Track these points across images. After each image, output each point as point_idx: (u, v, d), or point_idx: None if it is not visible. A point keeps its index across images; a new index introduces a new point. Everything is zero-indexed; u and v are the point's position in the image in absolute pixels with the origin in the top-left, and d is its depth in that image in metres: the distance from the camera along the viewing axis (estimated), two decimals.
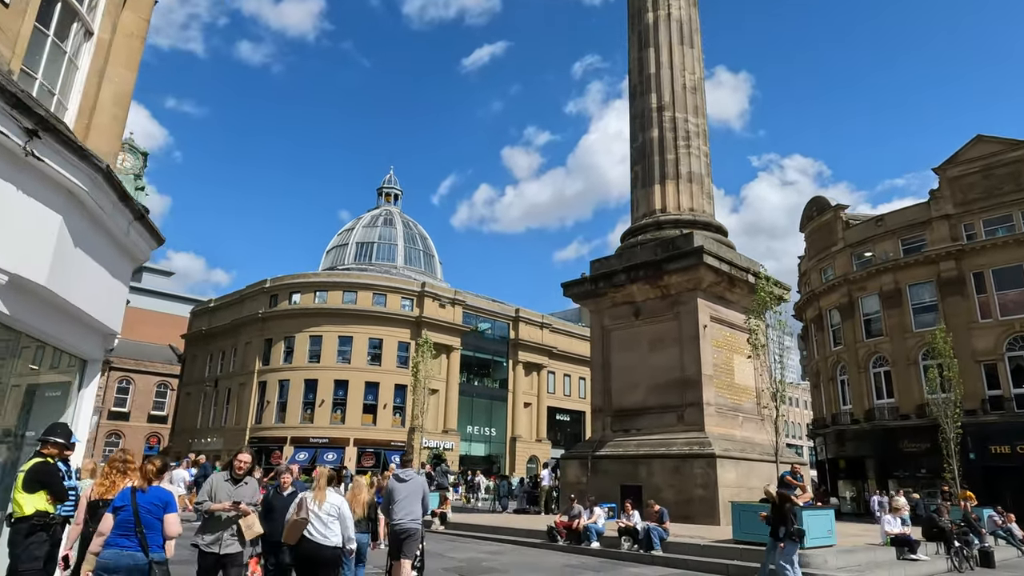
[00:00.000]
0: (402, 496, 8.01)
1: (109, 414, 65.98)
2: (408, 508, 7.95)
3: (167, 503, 5.08)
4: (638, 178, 22.51)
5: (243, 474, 6.38)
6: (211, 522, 6.10)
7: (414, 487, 8.15)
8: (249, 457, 6.63)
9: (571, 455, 21.39)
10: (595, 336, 21.82)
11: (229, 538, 6.01)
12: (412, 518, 7.98)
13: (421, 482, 8.43)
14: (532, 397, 56.46)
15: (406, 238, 60.82)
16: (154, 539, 4.84)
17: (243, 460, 6.45)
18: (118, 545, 4.74)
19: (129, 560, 4.68)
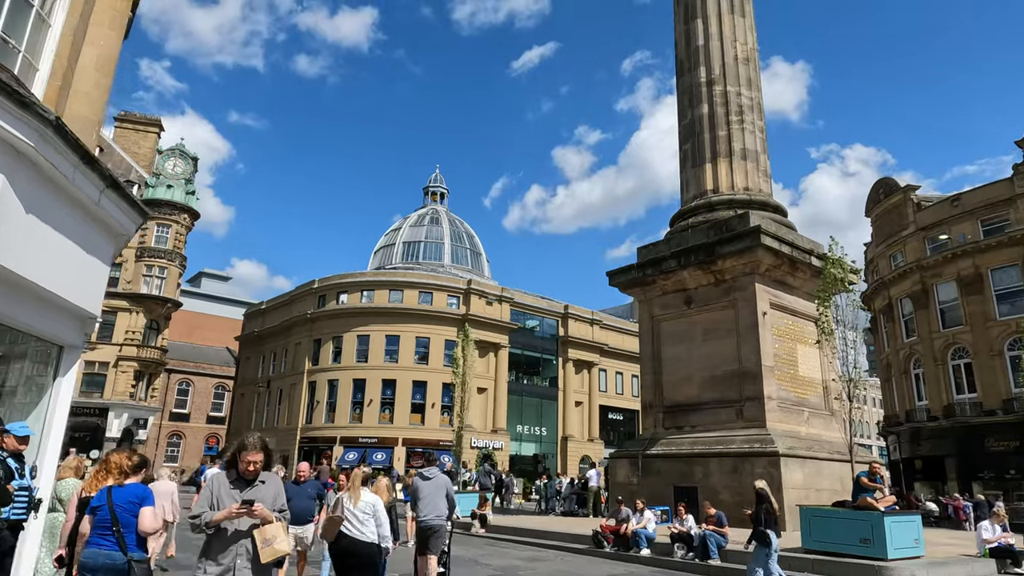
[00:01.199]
0: (427, 494, 8.25)
1: (170, 416, 67.84)
2: (433, 505, 8.19)
3: (143, 498, 4.93)
4: (687, 158, 21.06)
5: (254, 475, 4.41)
6: (216, 541, 4.20)
7: (438, 485, 8.36)
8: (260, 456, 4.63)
9: (620, 454, 20.11)
10: (644, 327, 20.46)
11: (243, 565, 4.13)
12: (437, 514, 8.21)
13: (445, 480, 8.58)
14: (583, 396, 55.06)
15: (452, 236, 60.31)
16: (132, 537, 4.72)
17: (253, 460, 4.37)
18: (96, 544, 4.68)
19: (106, 559, 4.59)
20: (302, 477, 8.35)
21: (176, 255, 44.81)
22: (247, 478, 4.33)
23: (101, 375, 41.72)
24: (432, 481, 8.38)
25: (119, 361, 41.93)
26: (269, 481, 4.46)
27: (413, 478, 9.07)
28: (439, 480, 8.43)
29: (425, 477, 8.48)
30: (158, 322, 44.27)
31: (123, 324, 42.53)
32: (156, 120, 50.46)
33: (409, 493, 9.17)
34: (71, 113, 7.35)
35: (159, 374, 45.83)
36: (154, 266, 43.77)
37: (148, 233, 44.08)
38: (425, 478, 8.46)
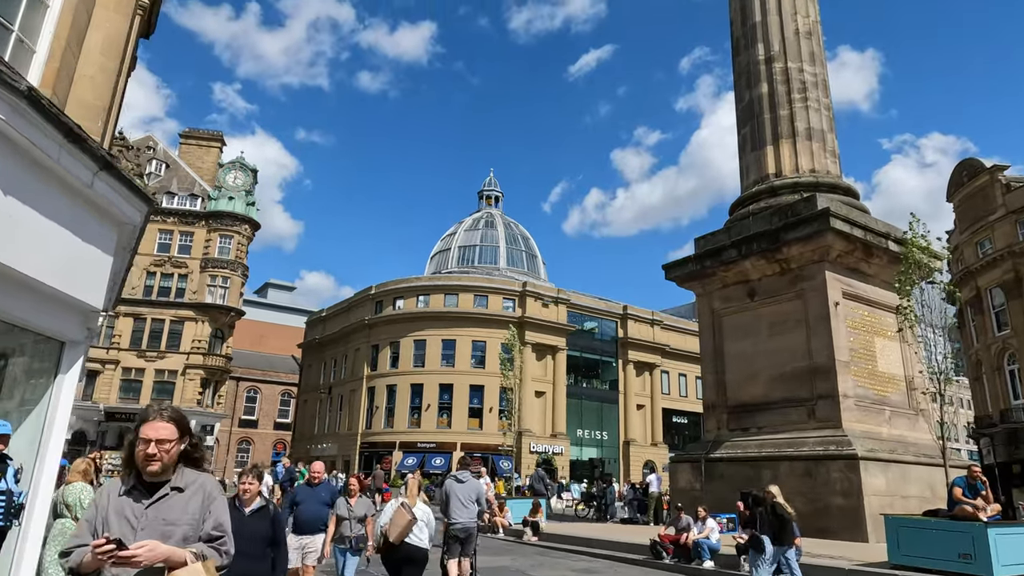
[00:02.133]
0: (459, 497, 8.40)
1: (239, 422, 69.87)
2: (465, 508, 8.36)
3: None
4: (746, 142, 19.75)
5: (158, 475, 2.54)
6: None
7: (470, 488, 8.52)
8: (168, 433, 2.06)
9: (681, 457, 18.94)
10: (704, 322, 19.24)
11: None
12: (469, 517, 8.39)
13: (476, 484, 8.77)
14: (645, 399, 53.46)
15: (507, 239, 59.85)
16: None
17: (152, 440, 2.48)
18: None
19: None
20: (316, 478, 7.56)
21: (238, 265, 45.93)
22: (148, 481, 2.50)
23: (170, 383, 43.09)
24: (465, 485, 8.52)
25: (186, 369, 43.21)
26: (192, 487, 2.51)
27: (446, 481, 9.12)
28: (471, 484, 8.60)
29: (459, 480, 8.61)
30: (222, 331, 45.44)
31: (190, 333, 43.83)
32: (218, 135, 52.08)
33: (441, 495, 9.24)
34: (75, 98, 7.03)
35: (224, 381, 47.03)
36: (217, 276, 44.97)
37: (211, 244, 45.38)
38: (459, 481, 8.60)
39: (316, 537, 6.95)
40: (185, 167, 49.53)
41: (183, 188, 47.55)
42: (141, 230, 7.74)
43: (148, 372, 42.87)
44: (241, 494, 4.59)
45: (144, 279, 44.33)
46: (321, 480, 7.46)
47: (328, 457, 51.14)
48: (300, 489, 7.46)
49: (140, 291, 44.09)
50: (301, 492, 7.31)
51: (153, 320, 43.69)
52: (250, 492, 4.57)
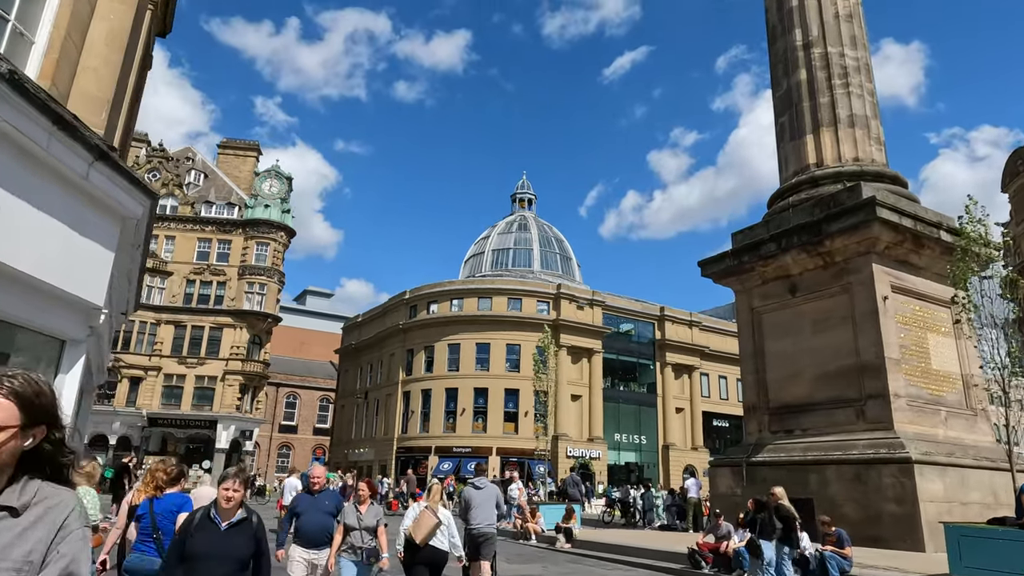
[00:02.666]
0: (478, 502, 8.53)
1: (279, 428, 70.79)
2: (484, 513, 8.49)
3: (181, 507, 5.20)
4: (785, 131, 18.93)
5: None
6: None
7: (488, 494, 8.63)
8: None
9: (721, 461, 18.16)
10: (743, 320, 18.46)
11: None
12: (488, 522, 8.51)
13: (495, 490, 8.87)
14: (684, 402, 52.25)
15: (541, 241, 59.37)
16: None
17: None
18: (139, 551, 5.05)
19: (148, 565, 4.83)
20: (316, 484, 6.57)
21: (275, 272, 46.47)
22: None
23: (210, 389, 43.74)
24: (483, 491, 8.67)
25: (225, 375, 43.81)
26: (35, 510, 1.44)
27: (465, 487, 9.42)
28: (489, 490, 8.74)
29: (476, 486, 8.74)
30: (260, 337, 45.99)
31: (228, 340, 44.46)
32: (254, 145, 52.91)
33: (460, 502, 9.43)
34: (78, 90, 6.84)
35: (263, 387, 47.57)
36: (255, 283, 45.55)
37: (248, 252, 46.01)
38: (477, 487, 8.73)
39: (322, 552, 6.25)
40: (223, 177, 50.42)
41: (221, 197, 48.38)
42: (148, 226, 7.54)
43: (189, 378, 43.60)
44: (221, 502, 3.86)
45: (184, 287, 45.17)
46: (322, 487, 6.61)
47: (365, 462, 51.34)
48: (300, 498, 6.61)
49: (180, 299, 44.94)
50: (301, 502, 6.47)
51: (193, 327, 44.45)
52: (233, 501, 3.85)
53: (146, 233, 7.58)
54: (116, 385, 42.24)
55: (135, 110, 9.86)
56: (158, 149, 49.48)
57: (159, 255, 45.27)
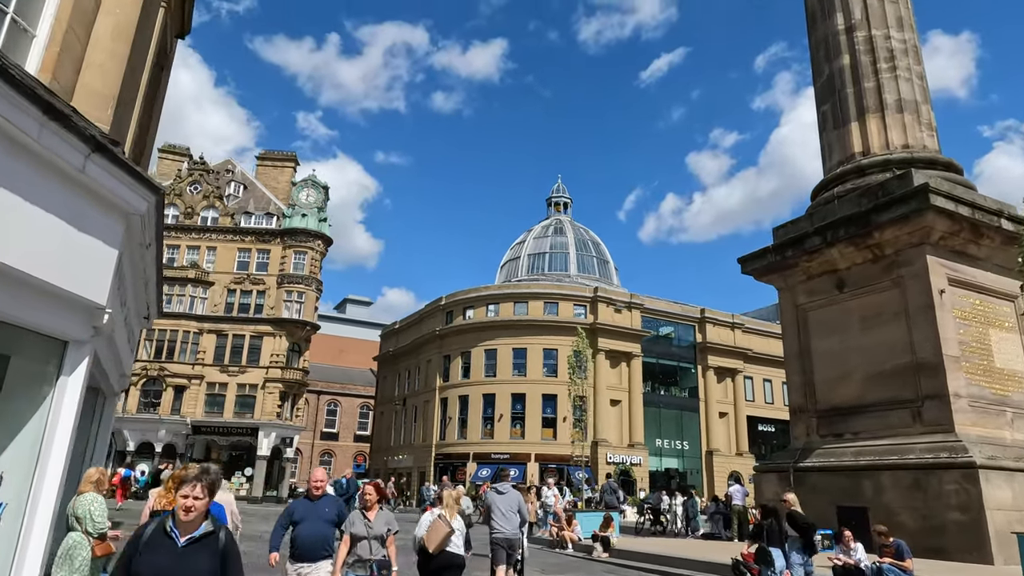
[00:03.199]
0: (501, 508, 8.63)
1: (321, 435, 71.60)
2: (507, 518, 8.58)
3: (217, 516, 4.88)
4: (827, 120, 18.06)
5: None
6: None
7: (511, 499, 8.72)
8: None
9: (768, 467, 17.31)
10: (787, 319, 17.61)
11: None
12: (511, 527, 8.60)
13: (517, 495, 8.93)
14: (727, 406, 50.84)
15: (577, 245, 58.72)
16: None
17: None
18: None
19: None
20: (317, 489, 5.95)
21: (312, 280, 46.92)
22: None
23: (251, 397, 44.31)
24: (505, 496, 8.76)
25: (266, 383, 44.33)
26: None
27: (487, 492, 9.59)
28: (512, 495, 8.81)
29: (499, 491, 8.85)
30: (299, 345, 46.44)
31: (268, 348, 45.01)
32: (291, 155, 53.69)
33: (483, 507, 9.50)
34: (83, 86, 6.66)
35: (302, 394, 48.00)
36: (293, 291, 46.06)
37: (287, 261, 46.58)
38: (499, 492, 8.84)
39: (319, 566, 5.61)
40: (262, 187, 51.25)
41: (259, 208, 49.15)
42: (158, 225, 7.33)
43: (230, 386, 44.25)
44: (180, 513, 3.07)
45: (225, 296, 45.94)
46: (323, 492, 6.03)
47: (404, 469, 51.36)
48: (297, 504, 6.02)
49: (222, 308, 45.71)
50: (299, 508, 5.89)
51: (234, 336, 45.14)
52: (194, 511, 3.05)
53: (157, 232, 7.37)
54: (161, 394, 43.14)
55: (153, 110, 9.75)
56: (199, 162, 50.57)
57: (201, 266, 46.19)
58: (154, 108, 9.88)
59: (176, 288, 45.08)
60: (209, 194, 48.61)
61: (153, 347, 43.87)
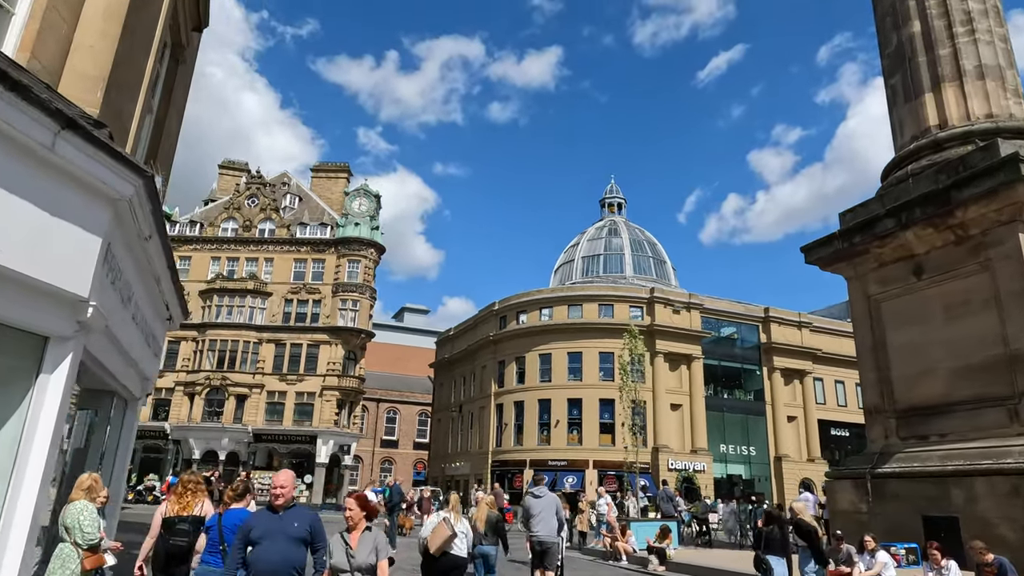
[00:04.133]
0: (538, 512, 8.74)
1: (381, 442, 72.20)
2: (545, 522, 8.71)
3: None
4: (897, 93, 16.54)
5: None
6: None
7: (548, 503, 8.82)
8: None
9: (841, 473, 15.86)
10: (858, 310, 16.14)
11: None
12: (548, 531, 8.72)
13: (554, 499, 9.04)
14: (796, 409, 48.32)
15: (633, 246, 57.22)
16: None
17: None
18: (206, 562, 5.44)
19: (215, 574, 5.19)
20: (279, 497, 4.67)
21: (366, 288, 47.24)
22: None
23: (309, 405, 44.85)
24: (543, 500, 8.81)
25: (323, 391, 44.79)
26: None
27: (525, 497, 9.49)
28: (549, 499, 8.87)
29: (536, 496, 8.91)
30: (355, 352, 46.77)
31: (325, 356, 45.50)
32: (344, 166, 54.45)
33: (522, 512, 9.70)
34: (71, 69, 6.27)
35: (359, 402, 48.31)
36: (348, 300, 46.47)
37: (341, 269, 47.07)
38: (536, 496, 8.90)
39: None
40: (316, 199, 52.12)
41: (314, 218, 49.93)
42: (157, 214, 6.89)
43: (289, 395, 44.91)
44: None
45: (283, 306, 46.77)
46: (289, 501, 4.70)
47: (461, 476, 50.96)
48: (256, 517, 4.81)
49: (280, 318, 46.54)
50: (258, 523, 4.64)
51: (292, 345, 45.86)
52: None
53: (157, 223, 6.94)
54: (224, 403, 44.14)
55: (171, 105, 9.45)
56: (255, 176, 51.83)
57: (259, 277, 47.19)
58: (172, 103, 9.59)
59: (236, 299, 46.17)
60: (266, 207, 49.70)
61: (216, 357, 44.99)
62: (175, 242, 48.18)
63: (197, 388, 44.34)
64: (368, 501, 4.98)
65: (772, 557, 8.18)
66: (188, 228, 49.52)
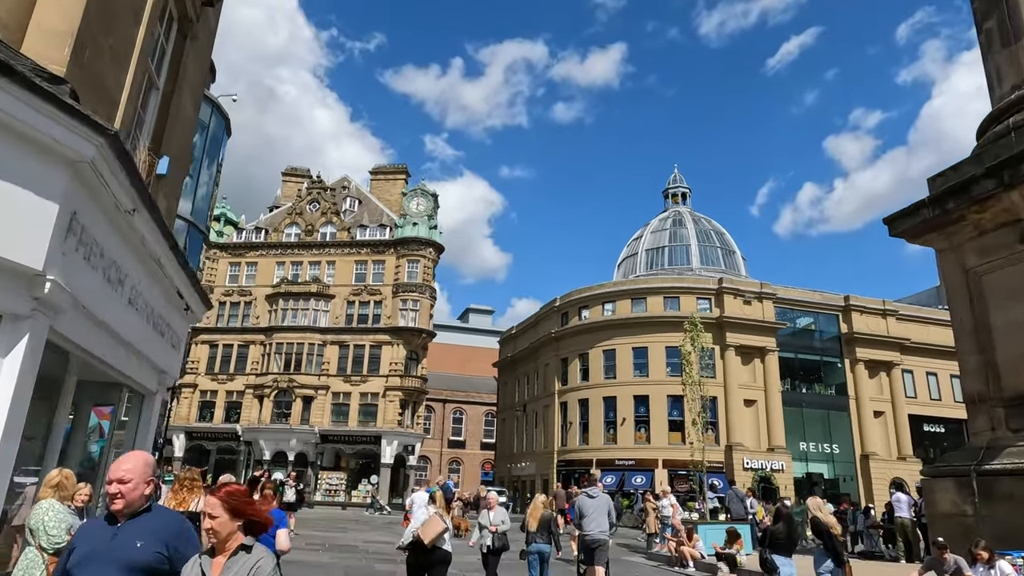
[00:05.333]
0: (591, 511, 9.02)
1: (448, 443, 72.32)
2: (597, 521, 8.96)
3: (279, 522, 5.78)
4: (993, 39, 14.51)
5: None
6: None
7: (601, 503, 9.11)
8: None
9: (941, 471, 13.98)
10: (954, 286, 14.22)
11: None
12: (600, 530, 9.00)
13: (607, 499, 9.35)
14: (884, 404, 45.00)
15: (699, 236, 54.92)
16: None
17: None
18: None
19: None
20: (116, 499, 2.90)
21: (426, 288, 47.09)
22: None
23: (373, 405, 45.02)
24: (596, 500, 9.12)
25: (386, 391, 44.87)
26: None
27: (578, 496, 9.95)
28: (602, 499, 9.20)
29: (590, 495, 9.28)
30: (416, 352, 46.68)
31: (387, 356, 45.59)
32: (402, 168, 54.64)
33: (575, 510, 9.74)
34: (36, 26, 5.71)
35: (422, 402, 48.18)
36: (408, 300, 46.44)
37: (401, 270, 47.10)
38: (590, 496, 9.27)
39: None
40: (376, 201, 52.48)
41: (373, 220, 50.25)
42: (136, 182, 6.26)
43: (354, 396, 45.21)
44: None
45: (345, 308, 47.22)
46: (137, 504, 2.94)
47: (527, 476, 50.11)
48: (82, 532, 3.10)
49: (342, 320, 47.00)
50: (82, 539, 2.97)
51: (355, 346, 46.18)
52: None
53: (140, 193, 6.31)
54: (291, 404, 44.86)
55: (177, 82, 8.94)
56: (316, 181, 52.65)
57: (322, 280, 47.81)
58: (182, 81, 9.07)
59: (300, 303, 46.92)
60: (327, 210, 50.38)
61: (283, 360, 45.82)
62: (242, 249, 49.52)
63: (266, 391, 45.26)
64: (247, 501, 2.78)
65: (778, 557, 7.92)
66: (254, 235, 50.75)
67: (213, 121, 23.09)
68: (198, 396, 46.92)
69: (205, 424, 46.14)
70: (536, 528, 9.26)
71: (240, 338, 47.62)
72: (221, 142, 24.40)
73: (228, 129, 24.94)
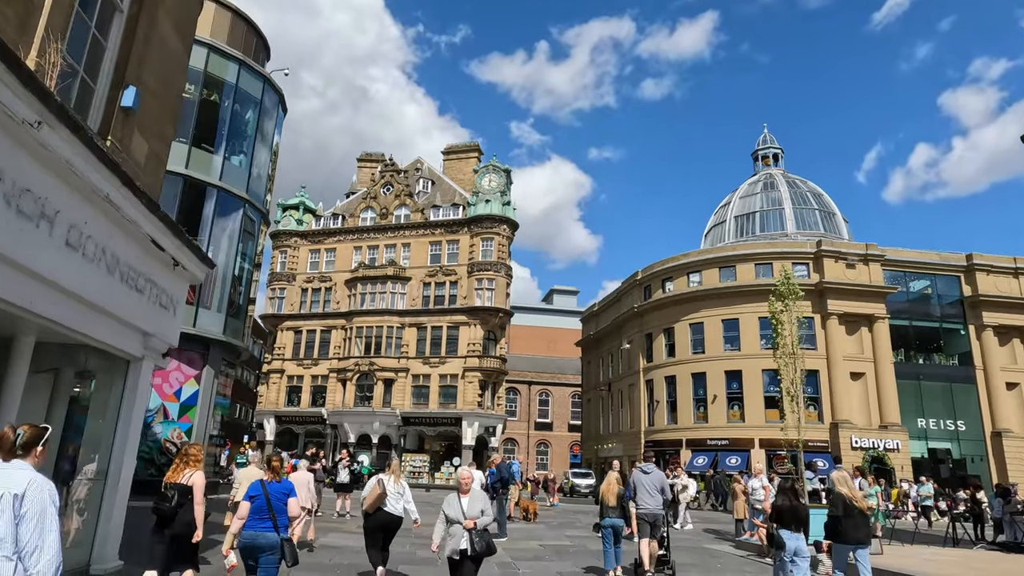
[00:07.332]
0: (645, 487, 9.57)
1: (535, 425, 71.40)
2: (651, 497, 9.50)
3: (290, 491, 6.36)
4: None
5: None
6: None
7: (655, 479, 9.63)
8: None
9: None
10: None
11: None
12: (655, 504, 9.52)
13: (661, 475, 9.79)
14: (1017, 374, 39.75)
15: (794, 199, 50.59)
16: (282, 521, 6.10)
17: None
18: (256, 528, 6.01)
19: (262, 539, 5.95)
20: None
21: (501, 266, 45.89)
22: None
23: (452, 387, 44.44)
24: (650, 476, 9.58)
25: (465, 372, 44.15)
26: None
27: (634, 472, 10.04)
28: (656, 475, 9.65)
29: (644, 471, 9.67)
30: (494, 332, 45.66)
31: (465, 337, 44.84)
32: (474, 145, 53.58)
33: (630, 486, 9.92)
34: None
35: (501, 383, 47.15)
36: (483, 279, 45.42)
37: (475, 248, 46.12)
38: (645, 472, 9.66)
39: None
40: (448, 181, 51.74)
41: (446, 200, 49.51)
42: (40, 91, 5.06)
43: (433, 377, 44.81)
44: None
45: (421, 290, 46.83)
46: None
47: (614, 457, 48.09)
48: None
49: (419, 302, 46.64)
50: None
51: (432, 328, 45.73)
52: None
53: (46, 102, 5.10)
54: (373, 387, 45.03)
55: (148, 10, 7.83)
56: (390, 164, 52.48)
57: (398, 263, 47.61)
58: (147, 2, 7.93)
59: (378, 286, 46.96)
60: (400, 193, 50.10)
61: (363, 343, 46.05)
62: (320, 236, 50.09)
63: (348, 374, 45.65)
64: None
65: (784, 531, 7.82)
66: (331, 221, 51.25)
67: (266, 97, 22.59)
68: (285, 381, 48.04)
69: (293, 408, 47.20)
70: (614, 503, 9.59)
71: (322, 323, 48.28)
72: (276, 119, 23.90)
73: (284, 106, 24.41)
